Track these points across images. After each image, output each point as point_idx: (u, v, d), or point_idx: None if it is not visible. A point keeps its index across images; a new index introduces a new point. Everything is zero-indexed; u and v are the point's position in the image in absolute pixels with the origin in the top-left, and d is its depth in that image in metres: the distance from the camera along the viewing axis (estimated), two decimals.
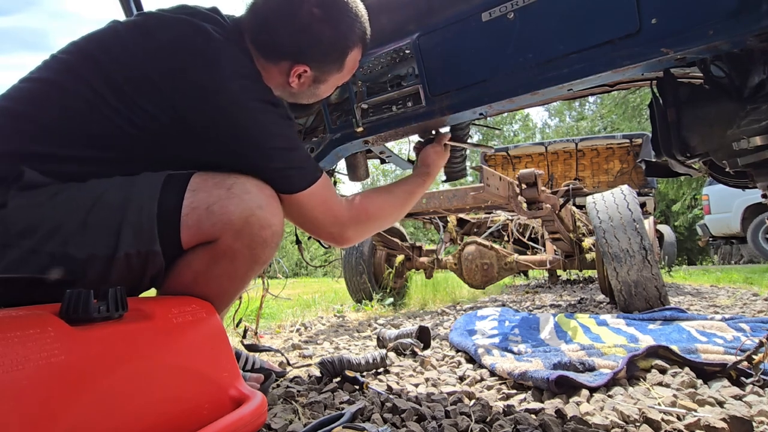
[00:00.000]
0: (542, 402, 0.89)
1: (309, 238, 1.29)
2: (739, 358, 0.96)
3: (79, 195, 0.61)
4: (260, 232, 0.67)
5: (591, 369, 1.03)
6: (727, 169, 0.77)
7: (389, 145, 1.05)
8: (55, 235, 0.58)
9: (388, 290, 2.93)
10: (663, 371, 1.01)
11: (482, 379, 1.07)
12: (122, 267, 0.61)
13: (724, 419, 0.70)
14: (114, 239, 0.60)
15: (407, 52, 0.83)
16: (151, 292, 0.71)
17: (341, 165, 1.12)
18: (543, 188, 1.79)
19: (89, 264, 0.59)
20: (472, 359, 1.27)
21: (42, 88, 0.66)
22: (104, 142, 0.65)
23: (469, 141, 1.05)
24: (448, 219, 3.06)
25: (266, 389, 0.92)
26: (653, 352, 1.06)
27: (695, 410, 0.78)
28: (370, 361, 1.14)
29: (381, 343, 1.49)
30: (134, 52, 0.66)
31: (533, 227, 3.12)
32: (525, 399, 0.91)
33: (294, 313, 2.57)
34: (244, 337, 1.40)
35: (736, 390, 0.87)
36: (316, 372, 1.17)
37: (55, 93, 0.65)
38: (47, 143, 0.63)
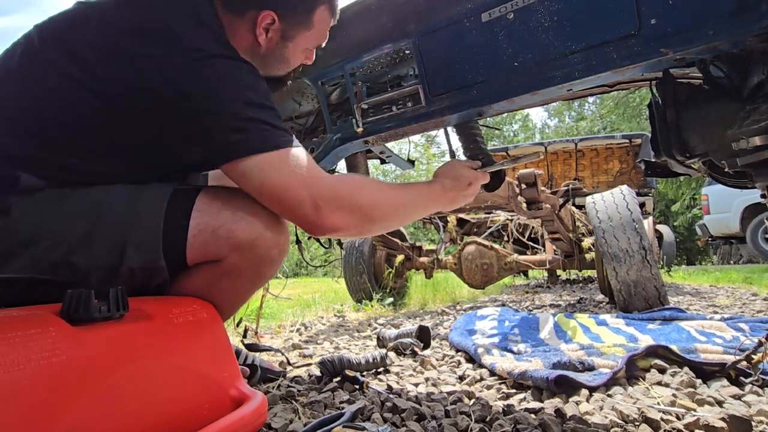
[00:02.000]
0: (542, 401, 0.89)
1: (309, 238, 1.29)
2: (738, 357, 0.96)
3: (83, 205, 0.60)
4: (267, 252, 0.67)
5: (590, 368, 1.04)
6: (726, 169, 0.78)
7: (389, 145, 1.05)
8: (59, 246, 0.58)
9: (388, 290, 2.93)
10: (662, 371, 1.01)
11: (482, 379, 1.07)
12: (126, 278, 0.61)
13: (723, 419, 0.70)
14: (119, 254, 0.60)
15: (407, 52, 0.83)
16: None
17: (341, 165, 1.12)
18: (542, 188, 1.79)
19: (93, 274, 0.59)
20: (471, 359, 1.27)
21: (14, 82, 0.63)
22: (83, 124, 0.62)
23: (506, 162, 0.91)
24: (448, 219, 3.07)
25: (253, 385, 0.92)
26: (652, 351, 1.06)
27: (694, 410, 0.79)
28: (370, 360, 1.14)
29: (381, 342, 1.49)
30: (97, 21, 0.64)
31: (533, 227, 3.13)
32: (524, 398, 0.91)
33: (294, 312, 2.57)
34: (244, 336, 1.40)
35: (735, 390, 0.87)
36: (317, 371, 1.17)
37: (29, 85, 0.62)
38: (34, 142, 0.61)
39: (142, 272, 0.62)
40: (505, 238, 3.16)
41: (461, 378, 1.09)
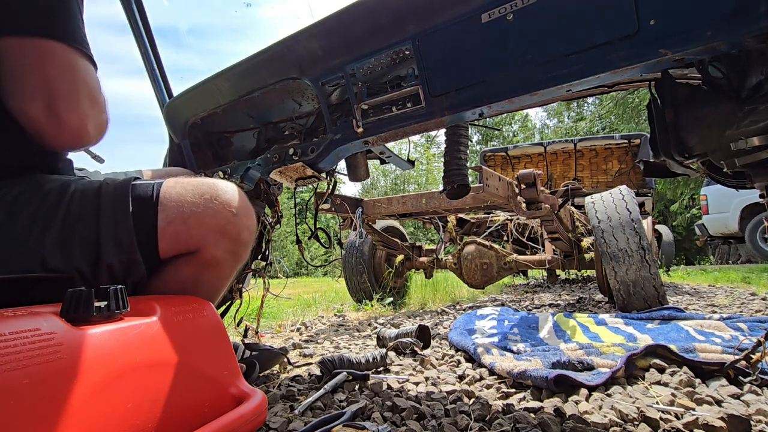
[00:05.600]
0: (541, 401, 0.89)
1: (309, 238, 1.29)
2: (737, 357, 0.96)
3: (39, 210, 0.59)
4: (239, 236, 0.69)
5: (590, 368, 1.04)
6: (724, 170, 0.78)
7: (389, 145, 1.05)
8: (33, 254, 0.57)
9: (388, 290, 2.93)
10: (661, 370, 1.01)
11: (481, 378, 1.07)
12: (105, 276, 0.61)
13: (722, 418, 0.71)
14: (95, 252, 0.60)
15: (407, 53, 0.83)
16: None
17: (341, 165, 1.12)
18: (542, 188, 1.79)
19: (73, 276, 0.59)
20: (471, 358, 1.27)
21: None
22: None
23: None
24: (448, 219, 3.07)
25: (251, 382, 0.92)
26: (652, 351, 1.06)
27: (693, 409, 0.79)
28: (371, 360, 1.15)
29: (381, 342, 1.49)
30: None
31: (532, 227, 3.13)
32: (524, 398, 0.91)
33: (295, 312, 2.58)
34: (245, 336, 1.40)
35: (734, 389, 0.88)
36: (317, 371, 1.17)
37: None
38: None
39: (120, 267, 0.62)
40: (505, 238, 3.17)
41: (461, 377, 1.09)
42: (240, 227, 0.68)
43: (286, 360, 1.25)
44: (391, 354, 1.33)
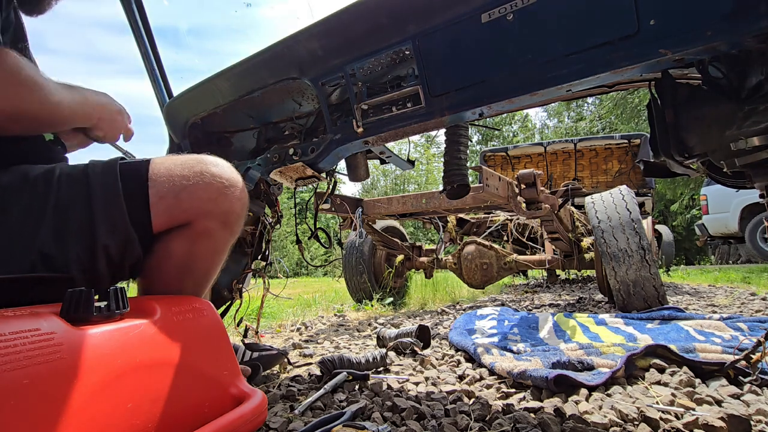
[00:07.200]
0: (541, 401, 0.89)
1: (309, 238, 1.29)
2: (737, 357, 0.96)
3: (29, 201, 0.59)
4: (231, 207, 0.69)
5: (590, 368, 1.04)
6: (724, 170, 0.78)
7: (389, 145, 1.05)
8: (29, 246, 0.57)
9: (388, 290, 2.93)
10: (661, 370, 1.01)
11: (481, 378, 1.08)
12: (103, 261, 0.61)
13: (722, 418, 0.71)
14: (90, 235, 0.60)
15: (407, 53, 0.83)
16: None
17: (341, 165, 1.12)
18: (542, 188, 1.79)
19: (71, 263, 0.59)
20: (471, 358, 1.27)
21: None
22: None
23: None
24: (448, 219, 3.07)
25: (257, 384, 0.92)
26: (652, 351, 1.06)
27: (693, 409, 0.79)
28: (371, 360, 1.15)
29: (381, 342, 1.49)
30: None
31: (532, 227, 3.13)
32: (524, 398, 0.91)
33: (294, 312, 2.58)
34: (245, 336, 1.40)
35: (734, 389, 0.88)
36: (317, 371, 1.17)
37: None
38: None
39: (116, 248, 0.62)
40: (505, 238, 3.17)
41: (461, 377, 1.09)
42: (232, 199, 0.69)
43: (286, 360, 1.25)
44: (391, 354, 1.33)
